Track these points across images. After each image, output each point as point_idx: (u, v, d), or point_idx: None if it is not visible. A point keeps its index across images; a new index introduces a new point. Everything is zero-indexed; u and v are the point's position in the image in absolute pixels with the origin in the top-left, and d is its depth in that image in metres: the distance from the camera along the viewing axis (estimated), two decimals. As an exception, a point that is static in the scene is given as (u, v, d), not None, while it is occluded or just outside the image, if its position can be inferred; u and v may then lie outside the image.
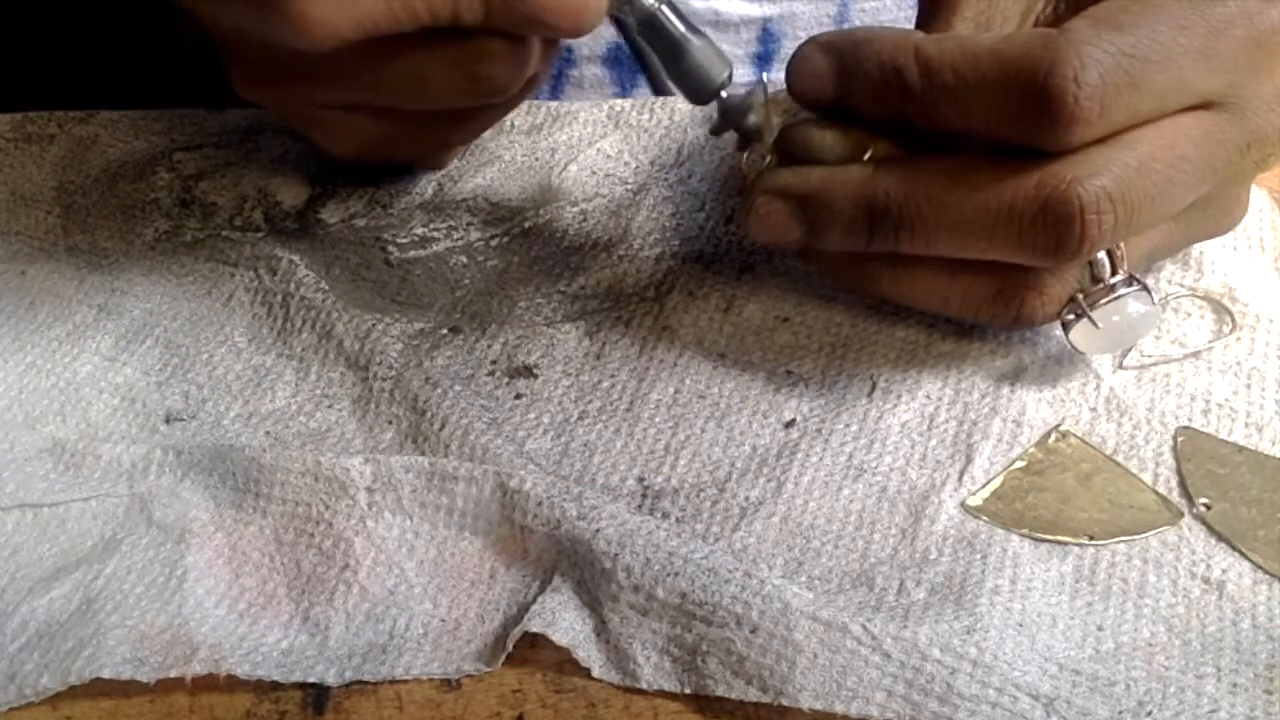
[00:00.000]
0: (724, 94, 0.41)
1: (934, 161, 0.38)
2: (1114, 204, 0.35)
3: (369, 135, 0.45)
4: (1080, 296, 0.38)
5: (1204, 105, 0.37)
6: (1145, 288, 0.39)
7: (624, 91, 0.58)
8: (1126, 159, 0.36)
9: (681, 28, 0.41)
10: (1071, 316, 0.39)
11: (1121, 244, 0.38)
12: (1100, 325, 0.39)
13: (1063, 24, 0.36)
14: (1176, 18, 0.36)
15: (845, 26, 0.58)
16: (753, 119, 0.41)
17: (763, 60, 0.60)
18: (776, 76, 0.41)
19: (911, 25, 0.41)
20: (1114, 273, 0.38)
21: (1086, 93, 0.34)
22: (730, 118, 0.42)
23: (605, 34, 0.57)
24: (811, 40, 0.39)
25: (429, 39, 0.38)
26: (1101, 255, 0.38)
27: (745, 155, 0.42)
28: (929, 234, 0.37)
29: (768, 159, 0.41)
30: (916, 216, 0.37)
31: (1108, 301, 0.38)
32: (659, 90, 0.57)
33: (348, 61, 0.38)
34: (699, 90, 0.42)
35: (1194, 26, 0.36)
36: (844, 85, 0.38)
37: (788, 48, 0.61)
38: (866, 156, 0.39)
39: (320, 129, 0.46)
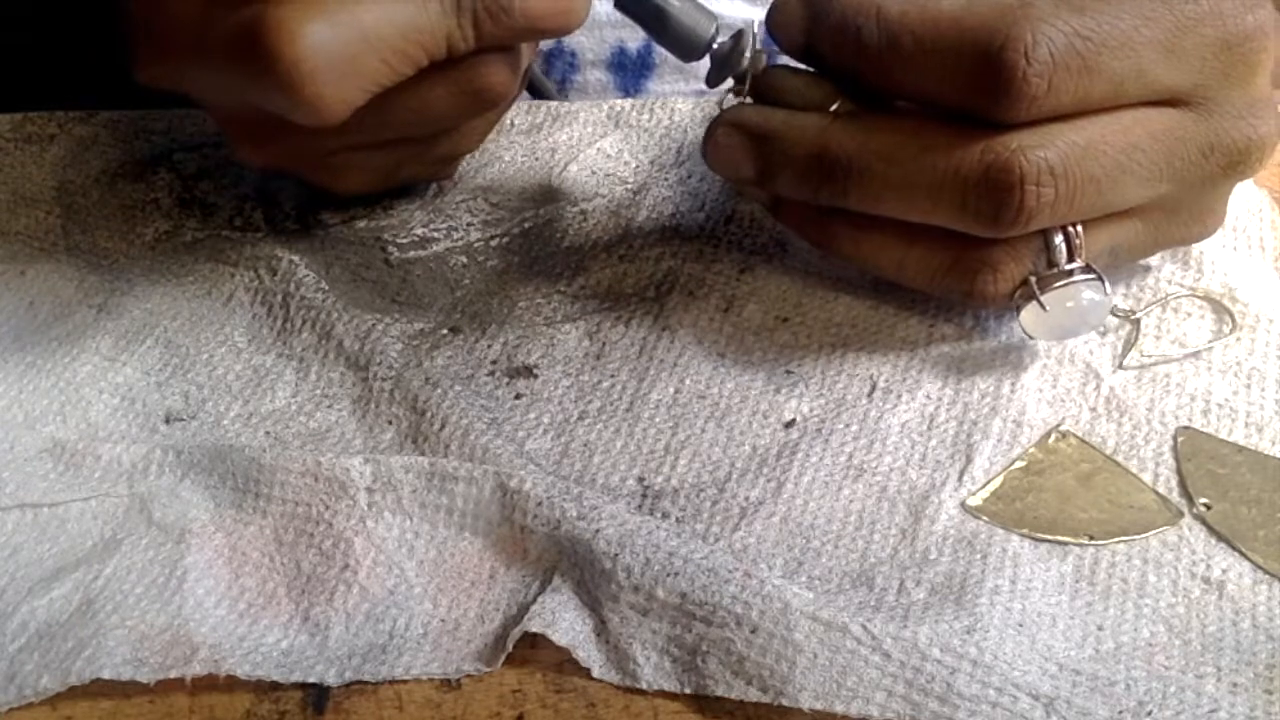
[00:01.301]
0: (715, 46, 0.42)
1: (888, 120, 0.38)
2: (1055, 178, 0.36)
3: (377, 167, 0.45)
4: (1033, 279, 0.39)
5: (1170, 102, 0.37)
6: (1100, 278, 0.39)
7: (627, 96, 0.58)
8: (1075, 137, 0.36)
9: None
10: (1023, 298, 0.39)
11: (1079, 231, 0.38)
12: (1049, 309, 0.39)
13: None
14: (1143, 8, 0.36)
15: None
16: (746, 62, 0.41)
17: None
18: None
19: None
20: (1070, 259, 0.38)
21: (1035, 69, 0.35)
22: (724, 67, 0.42)
23: (608, 39, 0.57)
24: None
25: (426, 72, 0.38)
26: (1059, 240, 0.38)
27: (725, 94, 0.42)
28: (875, 191, 0.38)
29: (743, 98, 0.41)
30: (865, 172, 0.38)
31: (1060, 286, 0.39)
32: None
33: (353, 114, 0.38)
34: (690, 49, 0.42)
35: (1160, 19, 0.36)
36: (811, 34, 0.39)
37: None
38: (833, 109, 0.39)
39: (327, 172, 0.46)
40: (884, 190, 0.38)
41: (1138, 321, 0.42)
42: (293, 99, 0.36)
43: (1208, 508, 0.37)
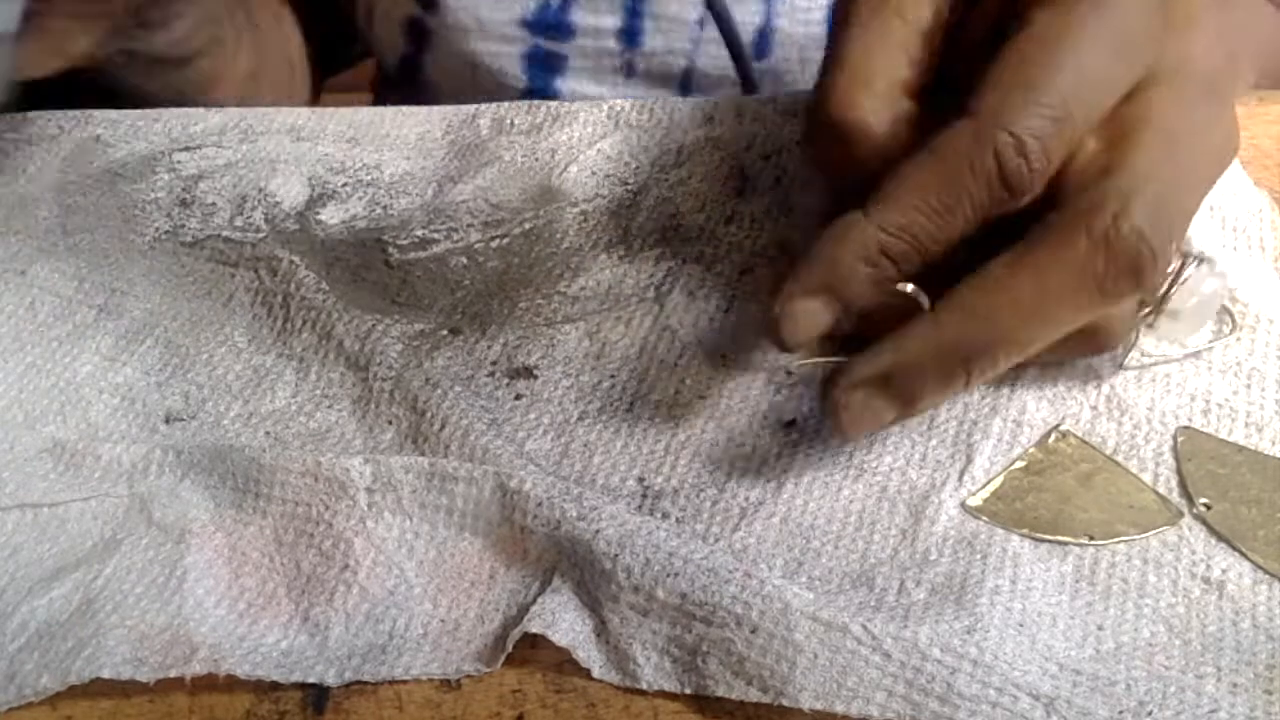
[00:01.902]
0: None
1: (981, 280, 0.36)
2: (1165, 217, 0.35)
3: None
4: (1149, 296, 0.38)
5: (1150, 80, 0.37)
6: (1206, 260, 0.39)
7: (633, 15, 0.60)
8: (1150, 185, 0.35)
9: None
10: (1151, 317, 0.39)
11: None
12: (1180, 316, 0.39)
13: (973, 102, 0.36)
14: (1081, 33, 0.36)
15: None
16: None
17: None
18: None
19: None
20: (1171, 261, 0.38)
21: (1035, 158, 0.35)
22: None
23: None
24: (788, 294, 0.38)
25: None
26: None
27: (797, 363, 0.41)
28: (1023, 341, 0.37)
29: (825, 359, 0.40)
30: (1004, 336, 0.36)
31: (1178, 289, 0.38)
32: None
33: None
34: None
35: (1100, 34, 0.36)
36: (850, 312, 0.38)
37: None
38: (925, 305, 0.37)
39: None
40: (1029, 333, 0.37)
41: (1138, 322, 0.42)
42: None
43: (1208, 508, 0.37)
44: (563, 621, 0.34)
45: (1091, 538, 0.36)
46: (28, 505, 0.38)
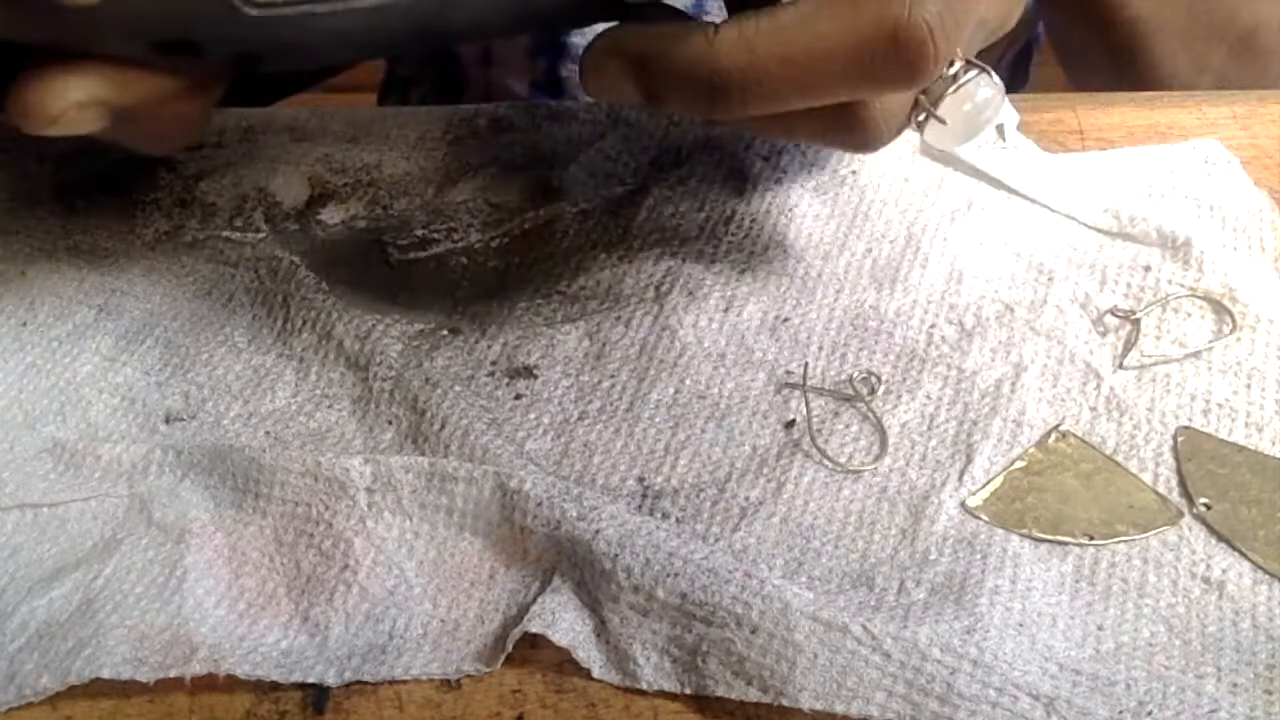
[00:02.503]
0: None
1: (770, 20, 0.36)
2: (953, 12, 0.35)
3: None
4: (922, 97, 0.38)
5: None
6: (983, 69, 0.38)
7: None
8: None
9: None
10: (921, 118, 0.38)
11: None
12: (949, 120, 0.38)
13: None
14: None
15: None
16: None
17: None
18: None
19: None
20: (950, 64, 0.37)
21: None
22: None
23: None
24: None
25: None
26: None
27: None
28: (778, 94, 0.36)
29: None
30: (762, 80, 0.36)
31: (952, 93, 0.38)
32: None
33: None
34: None
35: None
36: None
37: None
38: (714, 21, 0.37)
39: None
40: (787, 90, 0.36)
41: (1138, 321, 0.42)
42: None
43: (1208, 508, 0.37)
44: (563, 621, 0.34)
45: (1091, 538, 0.36)
46: (28, 505, 0.38)
